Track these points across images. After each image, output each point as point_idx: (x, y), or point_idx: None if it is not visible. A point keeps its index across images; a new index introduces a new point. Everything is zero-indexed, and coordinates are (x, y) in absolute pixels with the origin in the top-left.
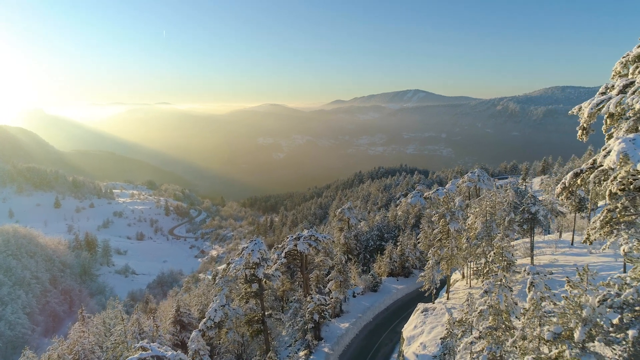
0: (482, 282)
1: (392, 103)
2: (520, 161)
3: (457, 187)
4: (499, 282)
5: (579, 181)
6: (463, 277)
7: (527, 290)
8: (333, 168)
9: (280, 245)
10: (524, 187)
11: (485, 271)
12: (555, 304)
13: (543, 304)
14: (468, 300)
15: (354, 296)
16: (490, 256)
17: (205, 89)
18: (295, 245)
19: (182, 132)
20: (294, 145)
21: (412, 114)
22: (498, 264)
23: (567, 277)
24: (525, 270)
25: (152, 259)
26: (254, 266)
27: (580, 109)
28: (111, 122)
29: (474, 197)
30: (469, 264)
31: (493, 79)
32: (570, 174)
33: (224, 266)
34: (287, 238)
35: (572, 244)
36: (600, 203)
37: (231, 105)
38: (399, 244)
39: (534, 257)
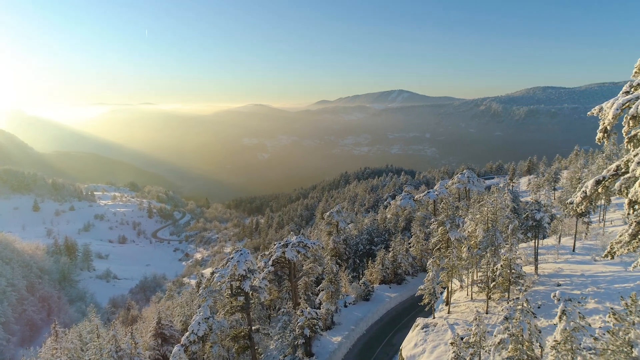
0: (488, 295)
1: (377, 103)
2: (504, 161)
3: (446, 188)
4: (520, 307)
5: (600, 189)
6: (461, 286)
7: (557, 319)
8: (318, 168)
9: (267, 253)
10: (511, 187)
11: (492, 285)
12: (595, 339)
13: (577, 335)
14: (476, 319)
15: (346, 306)
16: (497, 268)
17: (190, 89)
18: (284, 253)
19: (166, 132)
20: (279, 145)
21: (396, 114)
22: (505, 276)
23: (612, 308)
24: (554, 296)
25: (134, 263)
26: (240, 278)
27: (601, 109)
28: (93, 123)
29: (464, 199)
30: (469, 273)
31: (476, 79)
32: (591, 182)
33: (208, 275)
34: (275, 245)
35: (573, 250)
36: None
37: (216, 105)
38: (391, 249)
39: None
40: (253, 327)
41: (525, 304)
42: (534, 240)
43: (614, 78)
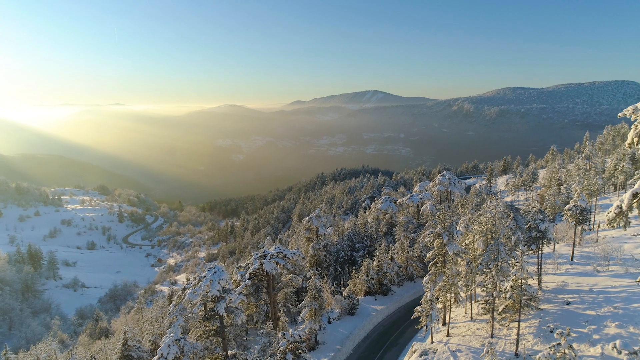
0: (493, 316)
1: (352, 104)
2: (478, 160)
3: (427, 190)
4: (563, 354)
5: (635, 203)
6: (456, 299)
7: None
8: (294, 169)
9: (243, 265)
10: (489, 187)
11: (501, 309)
12: None
13: None
14: (488, 352)
15: (330, 322)
16: (506, 289)
17: (162, 90)
18: (261, 265)
19: (137, 134)
20: (254, 146)
21: (371, 115)
22: (516, 299)
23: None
24: (615, 348)
25: (104, 270)
26: (213, 299)
27: (635, 109)
28: (60, 124)
29: (445, 201)
30: (469, 290)
31: (448, 80)
32: (627, 194)
33: (181, 283)
34: (252, 256)
35: (572, 259)
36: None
37: (188, 106)
38: (375, 257)
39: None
40: (229, 353)
41: (569, 351)
42: (537, 253)
43: (580, 79)
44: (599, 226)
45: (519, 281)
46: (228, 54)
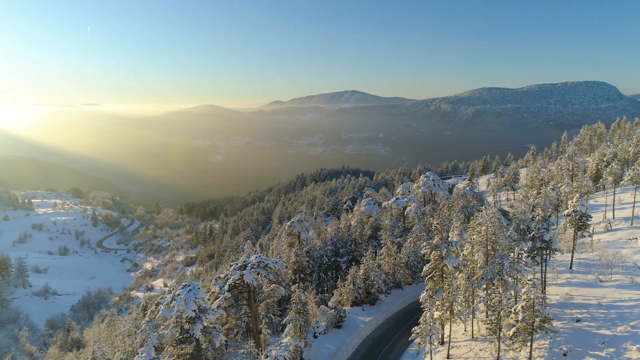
0: (499, 337)
1: (331, 104)
2: (458, 160)
3: (410, 191)
4: None
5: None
6: (452, 312)
7: None
8: (274, 169)
9: (222, 276)
10: (472, 188)
11: (512, 332)
12: None
13: None
14: None
15: (315, 337)
16: (517, 310)
17: (137, 90)
18: (242, 276)
19: (112, 135)
20: (232, 147)
21: (350, 115)
22: (529, 321)
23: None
24: None
25: (77, 276)
26: (189, 320)
27: None
28: (31, 125)
29: (430, 202)
30: (470, 306)
31: (426, 80)
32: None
33: (153, 304)
34: (231, 266)
35: (570, 267)
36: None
37: (165, 106)
38: (362, 265)
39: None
40: None
41: None
42: (541, 265)
43: (552, 79)
44: (593, 229)
45: (532, 301)
46: (206, 54)
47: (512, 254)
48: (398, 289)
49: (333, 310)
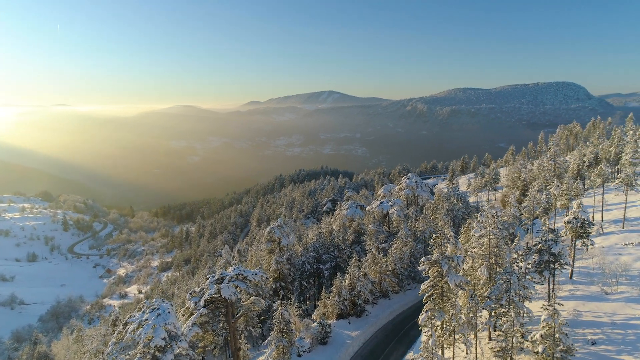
0: None
1: (308, 104)
2: (435, 160)
3: (392, 193)
4: None
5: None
6: (454, 336)
7: None
8: (251, 170)
9: (197, 290)
10: (453, 189)
11: None
12: None
13: None
14: None
15: (299, 355)
16: (534, 339)
17: (110, 89)
18: (219, 290)
19: (84, 136)
20: (209, 147)
21: (327, 115)
22: (549, 352)
23: None
24: None
25: (46, 284)
26: (158, 349)
27: None
28: None
29: (412, 204)
30: (474, 329)
31: (402, 80)
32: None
33: (120, 324)
34: (207, 279)
35: (571, 277)
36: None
37: (139, 106)
38: (347, 273)
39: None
40: None
41: None
42: (549, 280)
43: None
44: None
45: (553, 329)
46: (181, 53)
47: (516, 268)
48: (385, 299)
49: (318, 325)
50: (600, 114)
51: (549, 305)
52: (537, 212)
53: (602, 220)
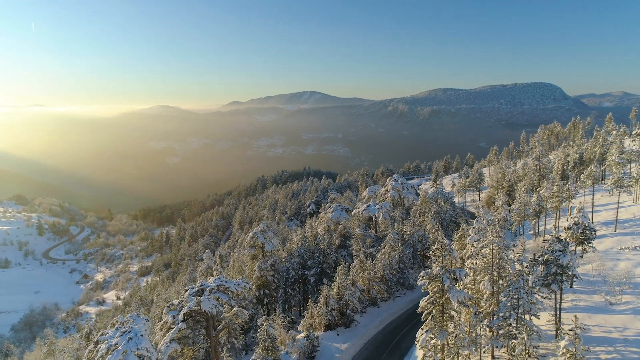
0: None
1: (290, 104)
2: (416, 160)
3: (377, 194)
4: None
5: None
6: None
7: None
8: (233, 171)
9: (176, 303)
10: (436, 189)
11: None
12: None
13: None
14: None
15: None
16: None
17: (87, 90)
18: (199, 303)
19: (61, 137)
20: (189, 148)
21: (309, 115)
22: None
23: None
24: None
25: (20, 291)
26: None
27: None
28: None
29: (398, 206)
30: (478, 348)
31: (383, 80)
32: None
33: (92, 341)
34: (186, 291)
35: (571, 286)
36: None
37: (118, 107)
38: (335, 282)
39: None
40: None
41: None
42: (556, 294)
43: (503, 81)
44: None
45: (575, 355)
46: (159, 51)
47: (527, 284)
48: (374, 307)
49: (305, 338)
50: (576, 113)
51: (569, 331)
52: (527, 215)
53: (592, 222)
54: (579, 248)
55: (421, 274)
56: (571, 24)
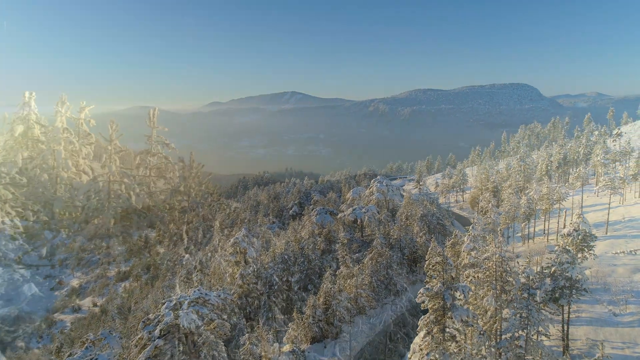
0: None
1: (271, 105)
2: (398, 160)
3: (361, 197)
4: None
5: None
6: None
7: None
8: (213, 173)
9: (152, 317)
10: (419, 189)
11: None
12: None
13: None
14: None
15: None
16: None
17: (59, 89)
18: (176, 318)
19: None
20: (168, 150)
21: (290, 116)
22: None
23: None
24: None
25: None
26: None
27: None
28: None
29: (384, 209)
30: None
31: (363, 81)
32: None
33: (63, 354)
34: (163, 305)
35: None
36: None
37: (93, 108)
38: (321, 290)
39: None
40: None
41: None
42: (563, 310)
43: (481, 82)
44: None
45: None
46: (136, 50)
47: (534, 299)
48: (362, 315)
49: (290, 353)
50: (552, 114)
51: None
52: (517, 217)
53: None
54: (579, 255)
55: (420, 290)
56: (547, 26)
